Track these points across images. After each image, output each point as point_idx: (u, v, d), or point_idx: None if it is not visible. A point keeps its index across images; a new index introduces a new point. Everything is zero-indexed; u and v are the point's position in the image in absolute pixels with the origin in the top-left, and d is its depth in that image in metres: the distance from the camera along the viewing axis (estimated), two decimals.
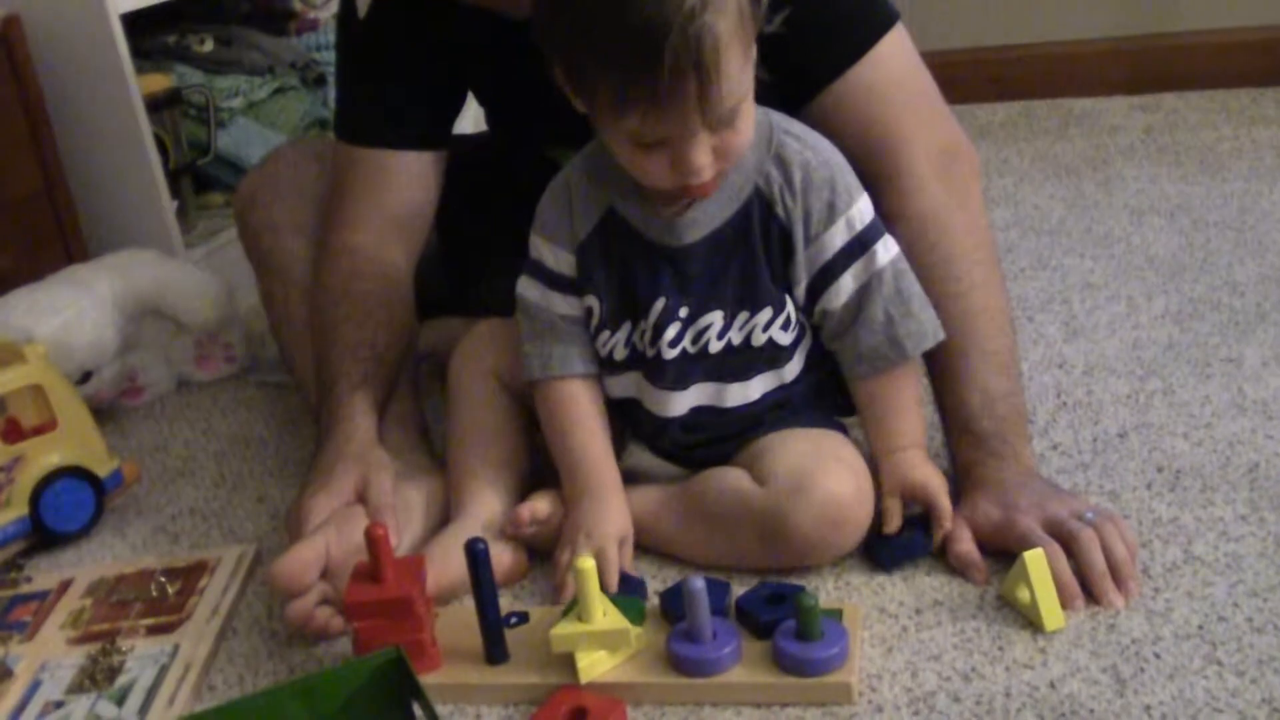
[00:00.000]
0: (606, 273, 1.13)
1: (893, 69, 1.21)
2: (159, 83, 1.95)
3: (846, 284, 1.10)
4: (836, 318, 1.11)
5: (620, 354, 1.15)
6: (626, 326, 1.14)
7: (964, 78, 2.37)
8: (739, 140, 1.04)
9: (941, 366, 1.16)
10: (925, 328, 1.11)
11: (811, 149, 1.10)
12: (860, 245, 1.09)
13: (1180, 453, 1.22)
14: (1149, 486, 1.18)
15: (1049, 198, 1.96)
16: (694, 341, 1.12)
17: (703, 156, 1.02)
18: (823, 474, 1.07)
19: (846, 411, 1.18)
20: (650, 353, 1.13)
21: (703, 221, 1.10)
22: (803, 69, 1.20)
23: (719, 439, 1.16)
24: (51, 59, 1.82)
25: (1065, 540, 1.04)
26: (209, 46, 2.12)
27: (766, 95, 1.20)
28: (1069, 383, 1.39)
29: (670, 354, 1.12)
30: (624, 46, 0.96)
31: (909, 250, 1.17)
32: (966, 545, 1.08)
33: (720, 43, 0.96)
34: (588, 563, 0.98)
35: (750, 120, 1.05)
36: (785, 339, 1.12)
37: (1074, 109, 2.39)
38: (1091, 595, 1.02)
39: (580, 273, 1.14)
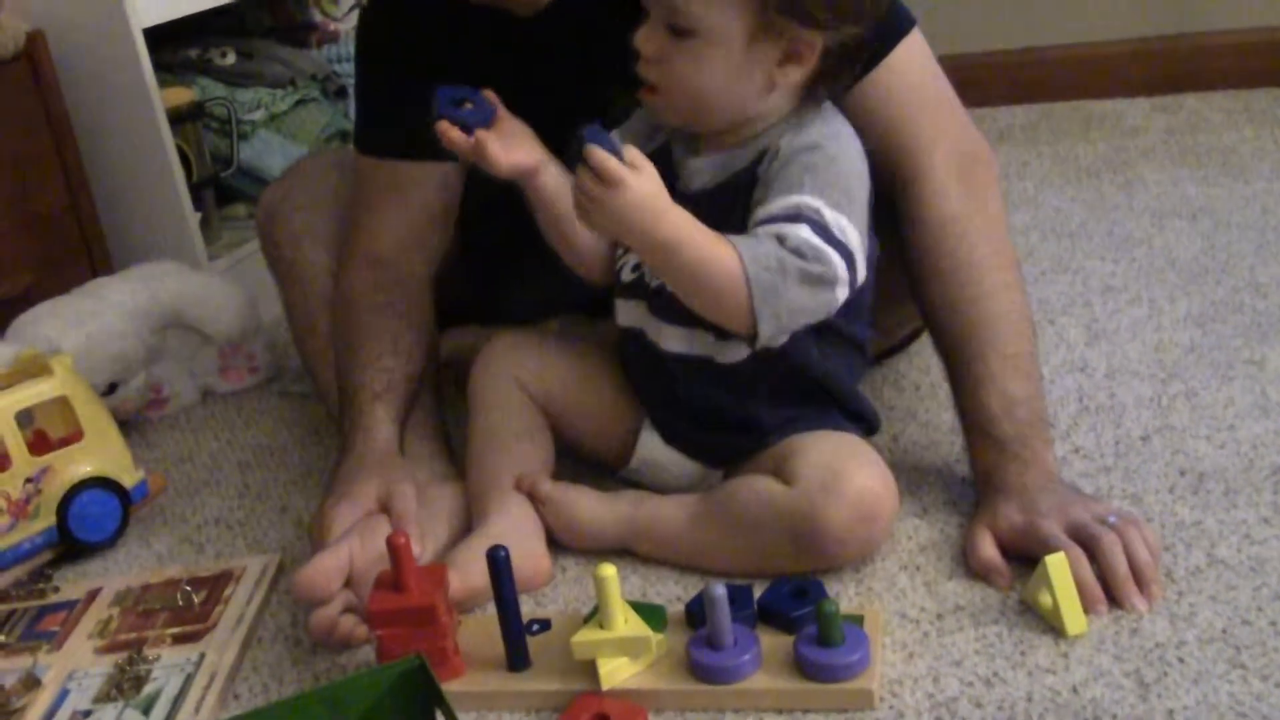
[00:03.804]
0: None
1: (910, 74, 1.21)
2: (182, 96, 1.97)
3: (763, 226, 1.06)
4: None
5: (627, 275, 1.17)
6: None
7: (983, 80, 2.37)
8: (678, 67, 1.06)
9: (961, 371, 1.15)
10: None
11: (818, 138, 1.08)
12: (789, 218, 1.05)
13: (1203, 455, 1.22)
14: (1172, 490, 1.17)
15: (1069, 200, 1.96)
16: None
17: (646, 43, 1.06)
18: (854, 468, 1.07)
19: (853, 422, 1.18)
20: (654, 283, 1.14)
21: (706, 172, 1.12)
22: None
23: (725, 426, 1.15)
24: (75, 73, 1.84)
25: (1087, 544, 1.03)
26: (231, 60, 2.14)
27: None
28: (1091, 386, 1.38)
29: None
30: None
31: (928, 255, 1.17)
32: (988, 550, 1.07)
33: None
34: (609, 570, 0.98)
35: (698, 70, 1.06)
36: None
37: (1094, 111, 2.38)
38: (1114, 599, 1.02)
39: None
